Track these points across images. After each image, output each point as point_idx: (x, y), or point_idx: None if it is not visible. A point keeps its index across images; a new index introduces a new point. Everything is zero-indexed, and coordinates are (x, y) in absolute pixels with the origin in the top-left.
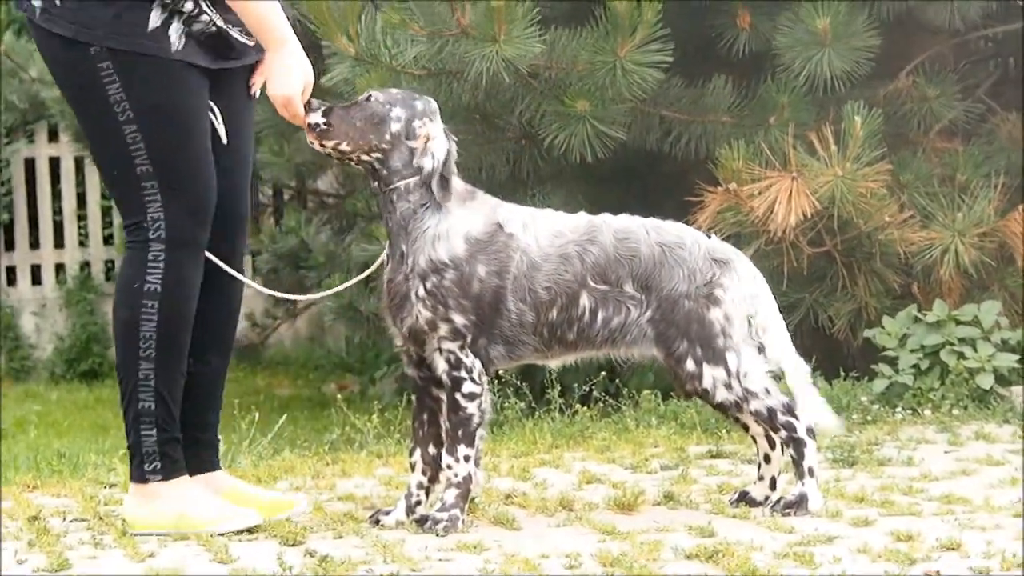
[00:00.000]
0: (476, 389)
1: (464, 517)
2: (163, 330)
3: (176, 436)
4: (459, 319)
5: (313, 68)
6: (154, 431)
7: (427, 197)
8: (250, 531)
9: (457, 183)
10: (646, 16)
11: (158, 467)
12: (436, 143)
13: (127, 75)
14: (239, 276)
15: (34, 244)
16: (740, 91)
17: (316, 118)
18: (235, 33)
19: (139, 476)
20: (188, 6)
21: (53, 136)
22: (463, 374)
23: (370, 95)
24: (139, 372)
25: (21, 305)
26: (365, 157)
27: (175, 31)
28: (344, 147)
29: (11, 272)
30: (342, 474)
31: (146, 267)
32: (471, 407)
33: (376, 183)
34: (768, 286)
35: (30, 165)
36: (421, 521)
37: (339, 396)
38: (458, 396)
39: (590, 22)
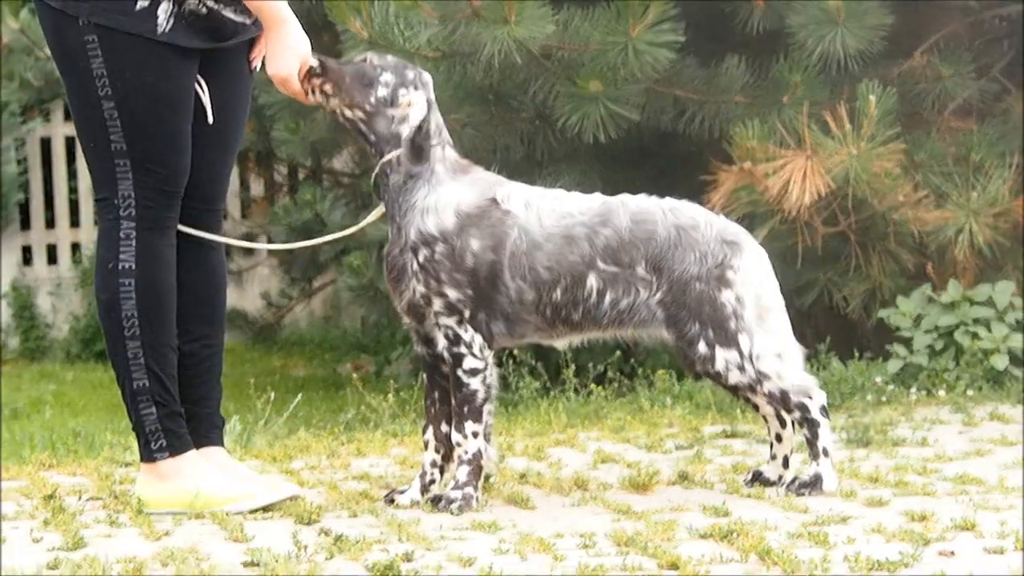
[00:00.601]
0: (478, 364)
1: (478, 494)
2: (143, 306)
3: (177, 410)
4: (453, 293)
5: (327, 51)
6: (153, 408)
7: (417, 168)
8: (265, 510)
9: (450, 156)
10: None
11: (164, 444)
12: (415, 110)
13: (110, 51)
14: (212, 237)
15: (50, 223)
16: (754, 70)
17: (312, 62)
18: (228, 12)
19: (147, 456)
20: None
21: (69, 115)
22: (463, 350)
23: (366, 57)
24: (127, 352)
25: (37, 285)
26: (348, 113)
27: (163, 11)
28: (328, 89)
29: (27, 252)
30: (357, 453)
31: (119, 245)
32: (474, 383)
33: (371, 151)
34: (773, 268)
35: (46, 144)
36: (436, 500)
37: (355, 376)
38: (460, 373)
39: (602, 2)
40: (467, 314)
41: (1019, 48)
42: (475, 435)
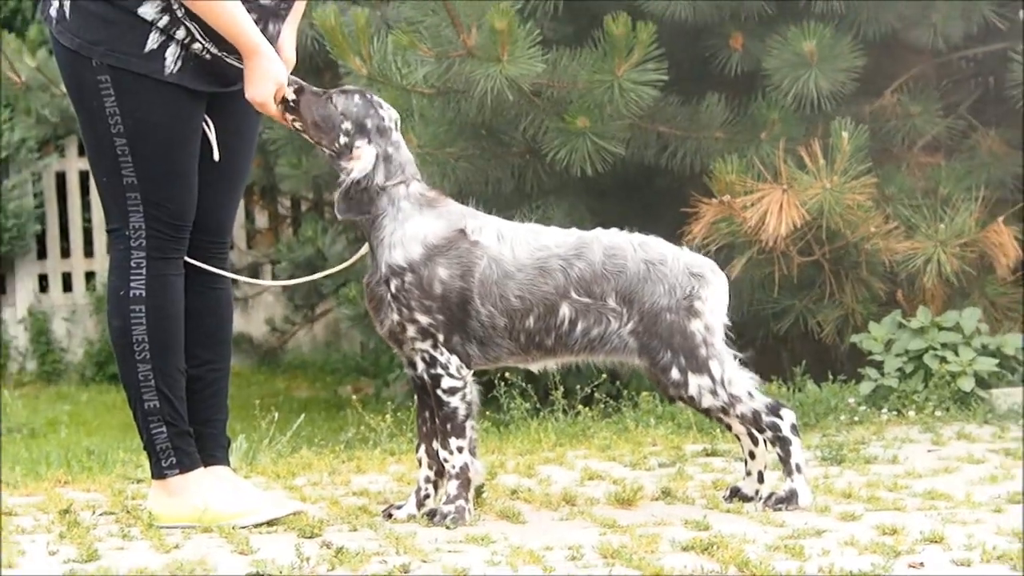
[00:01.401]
0: (456, 384)
1: (470, 506)
2: (153, 332)
3: (186, 430)
4: (424, 319)
5: (327, 86)
6: (164, 428)
7: (383, 206)
8: (269, 524)
9: (414, 191)
10: (642, 37)
11: (173, 462)
12: (359, 164)
13: (121, 91)
14: (218, 271)
15: (65, 253)
16: (733, 108)
17: (288, 94)
18: (232, 60)
19: (158, 473)
20: (180, 33)
21: (83, 150)
22: (439, 371)
23: (331, 96)
24: (139, 374)
25: (53, 311)
26: (319, 148)
27: (171, 54)
28: (298, 126)
29: (43, 280)
30: (357, 471)
31: (130, 274)
32: (454, 400)
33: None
34: (744, 295)
35: (61, 178)
36: (431, 515)
37: (354, 398)
38: (439, 392)
39: (589, 43)
40: (441, 338)
41: (984, 88)
42: (460, 450)
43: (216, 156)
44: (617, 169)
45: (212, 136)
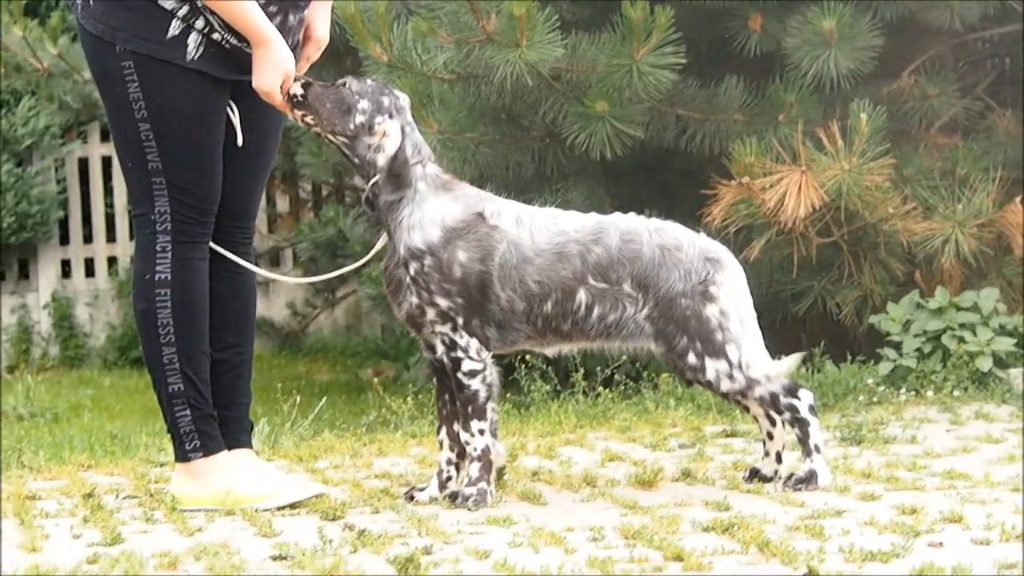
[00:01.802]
0: (476, 366)
1: (492, 488)
2: (178, 315)
3: (210, 413)
4: (443, 302)
5: (348, 74)
6: (188, 411)
7: (388, 192)
8: (292, 506)
9: (431, 173)
10: (660, 21)
11: (197, 445)
12: (389, 140)
13: (144, 77)
14: (241, 262)
15: (87, 239)
16: (751, 90)
17: (296, 89)
18: (249, 51)
19: (182, 456)
20: (200, 23)
21: (105, 136)
22: (460, 354)
23: (345, 82)
24: (163, 357)
25: (76, 296)
26: (331, 137)
27: (193, 40)
28: (310, 120)
29: (66, 265)
30: (379, 453)
31: (155, 257)
32: (474, 383)
33: (357, 172)
34: (764, 277)
35: (83, 164)
36: (453, 497)
37: (375, 381)
38: (460, 375)
39: (608, 27)
40: (460, 321)
41: (1001, 68)
42: (481, 432)
43: (240, 141)
44: (636, 152)
45: (236, 121)
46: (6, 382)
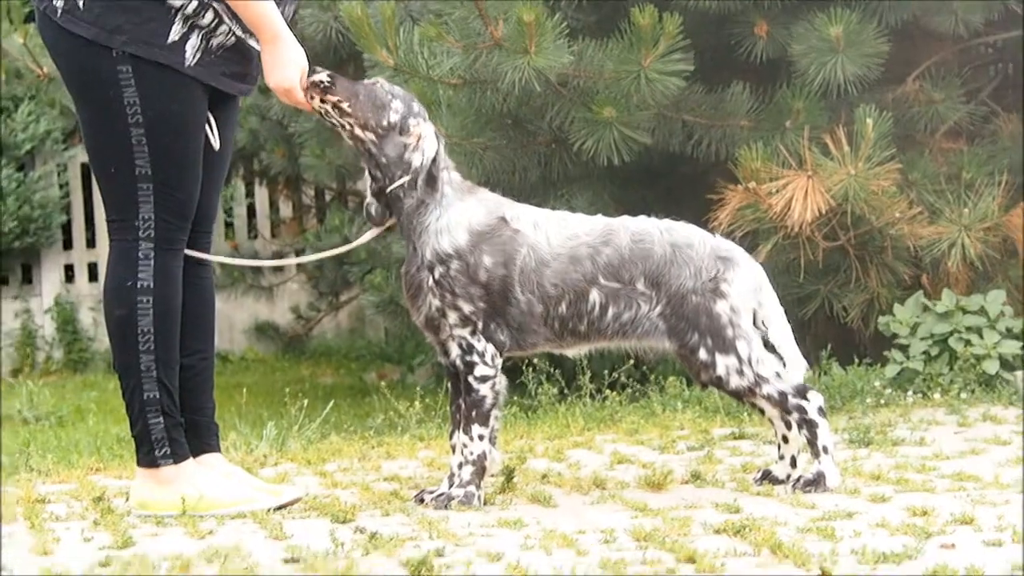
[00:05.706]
0: (489, 372)
1: (479, 493)
2: (159, 323)
3: (180, 421)
4: (467, 307)
5: (353, 79)
6: (161, 418)
7: (425, 193)
8: (303, 509)
9: (455, 178)
10: (668, 28)
11: (168, 452)
12: (427, 142)
13: (142, 81)
14: (241, 262)
15: (90, 243)
16: (758, 96)
17: (322, 76)
18: (252, 42)
19: (150, 461)
20: (206, 19)
21: None
22: (475, 358)
23: (377, 81)
24: (140, 365)
25: (79, 300)
26: (359, 132)
27: (191, 46)
28: (345, 106)
29: (69, 270)
30: (387, 456)
31: (137, 265)
32: (483, 388)
33: (379, 175)
34: (769, 281)
35: (86, 169)
36: (438, 497)
37: (382, 384)
38: (471, 379)
39: (616, 34)
40: (480, 325)
41: (1005, 73)
42: (480, 438)
43: (216, 145)
44: (643, 158)
45: (214, 127)
46: (10, 386)
